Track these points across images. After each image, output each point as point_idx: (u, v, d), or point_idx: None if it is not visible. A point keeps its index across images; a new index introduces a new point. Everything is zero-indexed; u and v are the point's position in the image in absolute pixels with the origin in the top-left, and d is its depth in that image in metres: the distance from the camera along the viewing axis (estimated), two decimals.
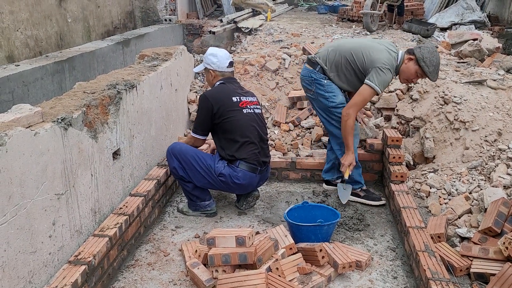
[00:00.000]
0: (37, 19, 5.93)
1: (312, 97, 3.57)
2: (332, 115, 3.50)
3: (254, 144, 3.21)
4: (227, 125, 3.19)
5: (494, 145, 3.61)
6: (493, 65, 5.42)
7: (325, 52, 3.50)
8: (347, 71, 3.41)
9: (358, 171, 3.61)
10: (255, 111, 3.32)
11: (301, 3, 15.44)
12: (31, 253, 2.12)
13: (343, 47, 3.47)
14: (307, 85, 3.56)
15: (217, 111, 3.18)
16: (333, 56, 3.44)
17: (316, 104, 3.58)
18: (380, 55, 3.28)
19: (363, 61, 3.32)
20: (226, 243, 2.51)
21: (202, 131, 3.29)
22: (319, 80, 3.47)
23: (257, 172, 3.24)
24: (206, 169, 3.20)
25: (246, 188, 3.30)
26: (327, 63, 3.45)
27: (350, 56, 3.37)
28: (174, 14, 9.48)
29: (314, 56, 3.53)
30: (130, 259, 2.86)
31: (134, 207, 2.93)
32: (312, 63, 3.51)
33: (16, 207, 2.00)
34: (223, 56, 3.35)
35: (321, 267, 2.64)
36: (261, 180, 3.38)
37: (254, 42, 7.24)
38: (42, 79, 4.96)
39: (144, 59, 4.05)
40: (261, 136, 3.29)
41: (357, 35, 7.74)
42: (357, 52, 3.35)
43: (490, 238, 2.74)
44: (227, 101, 3.21)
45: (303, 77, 3.59)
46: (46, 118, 2.32)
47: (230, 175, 3.17)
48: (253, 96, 3.41)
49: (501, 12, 10.59)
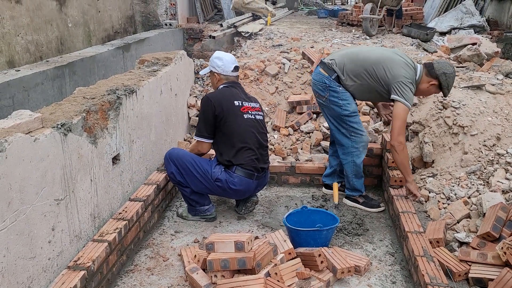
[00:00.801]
0: (37, 24, 5.96)
1: (323, 103, 3.48)
2: (343, 124, 3.44)
3: (252, 150, 3.21)
4: (226, 129, 3.20)
5: (492, 149, 3.62)
6: (492, 70, 5.44)
7: (341, 60, 3.40)
8: (366, 83, 3.36)
9: (361, 181, 3.61)
10: (256, 117, 3.31)
11: (301, 8, 15.50)
12: (30, 259, 2.13)
13: (361, 58, 3.39)
14: (320, 91, 3.46)
15: (219, 113, 3.18)
16: (351, 66, 3.37)
17: (327, 111, 3.50)
18: (401, 70, 3.27)
19: (385, 75, 3.28)
20: (225, 248, 2.51)
21: (208, 133, 3.24)
22: (333, 87, 3.39)
23: (253, 178, 3.23)
24: (203, 174, 3.21)
25: (243, 193, 3.30)
26: (344, 72, 3.37)
27: (371, 68, 3.32)
28: (174, 18, 9.52)
29: (331, 62, 3.42)
30: (129, 264, 2.87)
31: (134, 212, 2.94)
32: (328, 69, 3.41)
33: (15, 212, 2.01)
34: (229, 60, 3.35)
35: (320, 272, 2.64)
36: (259, 186, 3.37)
37: (254, 47, 7.27)
38: (42, 84, 4.98)
39: (144, 64, 4.06)
40: (260, 142, 3.28)
41: (356, 39, 7.77)
42: (378, 65, 3.31)
43: (489, 243, 2.74)
44: (229, 104, 3.22)
45: (316, 82, 3.49)
46: (46, 123, 2.33)
47: (227, 180, 3.17)
48: (256, 102, 3.41)
49: (500, 16, 10.62)
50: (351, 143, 3.46)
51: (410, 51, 6.80)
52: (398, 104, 3.25)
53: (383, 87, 3.33)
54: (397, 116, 3.24)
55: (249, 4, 9.72)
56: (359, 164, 3.52)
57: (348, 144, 3.46)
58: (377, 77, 3.32)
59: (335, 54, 3.57)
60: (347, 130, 3.44)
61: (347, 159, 3.52)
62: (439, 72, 3.25)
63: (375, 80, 3.34)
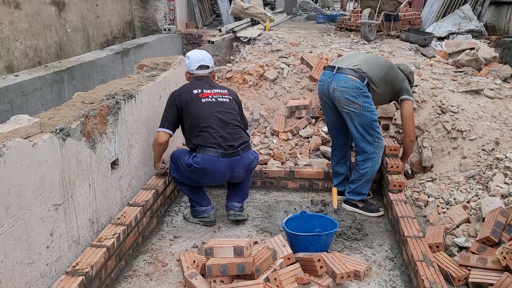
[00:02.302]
0: (36, 29, 5.97)
1: (355, 111, 3.35)
2: (370, 130, 3.42)
3: (213, 129, 3.19)
4: (186, 116, 3.27)
5: (491, 154, 3.62)
6: (490, 74, 5.46)
7: (367, 66, 3.43)
8: (385, 86, 3.51)
9: (369, 186, 3.62)
10: (218, 99, 3.31)
11: (299, 13, 15.55)
12: (28, 264, 2.12)
13: (381, 63, 3.56)
14: (353, 98, 3.33)
15: (177, 103, 3.29)
16: (377, 72, 3.44)
17: (357, 119, 3.38)
18: (401, 73, 3.63)
19: (397, 79, 3.55)
20: (224, 253, 2.50)
21: (165, 123, 3.31)
22: (367, 93, 3.35)
23: (219, 155, 3.15)
24: (181, 164, 3.28)
25: (213, 173, 3.20)
26: (373, 77, 3.41)
27: (389, 72, 3.52)
28: (173, 23, 9.55)
29: (359, 68, 3.40)
30: (128, 270, 2.85)
31: (132, 217, 2.93)
32: (359, 75, 3.37)
33: (13, 218, 2.00)
34: (194, 58, 3.43)
35: (319, 277, 2.63)
36: (236, 166, 3.23)
37: (252, 52, 7.29)
38: (41, 89, 4.98)
39: (143, 69, 4.06)
40: (223, 120, 3.23)
41: (355, 44, 7.80)
42: (391, 69, 3.56)
43: (488, 248, 2.74)
44: (187, 93, 3.31)
45: (347, 89, 3.34)
46: (45, 128, 2.32)
47: (192, 163, 3.19)
48: (223, 89, 3.43)
49: (497, 21, 10.67)
50: (373, 149, 3.47)
51: (408, 56, 6.83)
52: (408, 102, 3.55)
53: (394, 89, 3.56)
54: (410, 114, 3.57)
55: (248, 10, 9.76)
56: (376, 170, 3.55)
57: (370, 150, 3.47)
58: (392, 80, 3.53)
59: (352, 59, 3.56)
60: (372, 136, 3.44)
61: (366, 165, 3.51)
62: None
63: (389, 84, 3.52)
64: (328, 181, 3.95)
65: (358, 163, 3.55)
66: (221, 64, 7.99)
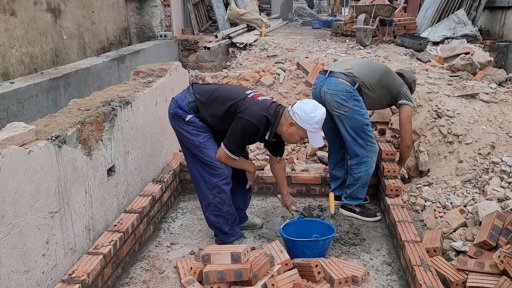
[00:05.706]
0: (32, 36, 5.97)
1: (345, 114, 3.37)
2: (362, 134, 3.43)
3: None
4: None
5: (487, 158, 3.63)
6: (485, 79, 5.49)
7: (359, 70, 3.44)
8: (380, 91, 3.50)
9: (366, 190, 3.63)
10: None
11: (295, 18, 15.61)
12: (24, 272, 2.10)
13: (375, 67, 3.56)
14: (343, 101, 3.35)
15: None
16: (370, 76, 3.44)
17: (348, 122, 3.40)
18: (399, 77, 3.62)
19: (394, 83, 3.54)
20: (221, 259, 2.49)
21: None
22: (357, 96, 3.37)
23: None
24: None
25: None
26: (365, 81, 3.42)
27: (384, 77, 3.51)
28: (169, 30, 9.57)
29: (350, 72, 3.41)
30: (124, 277, 2.84)
31: (129, 224, 2.92)
32: (351, 78, 3.38)
33: (9, 226, 1.99)
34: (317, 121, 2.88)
35: (317, 282, 2.63)
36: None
37: (249, 57, 7.30)
38: (37, 96, 4.96)
39: (139, 75, 4.06)
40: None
41: (350, 49, 7.83)
42: (387, 74, 3.54)
43: (486, 252, 2.74)
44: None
45: (337, 92, 3.36)
46: (40, 136, 2.32)
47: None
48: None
49: (492, 26, 10.75)
50: (366, 153, 3.47)
51: (404, 60, 6.86)
52: (407, 108, 3.52)
53: (390, 94, 3.54)
54: (407, 119, 3.55)
55: (244, 15, 9.80)
56: (371, 174, 3.55)
57: (363, 154, 3.47)
58: (387, 85, 3.51)
59: (345, 63, 3.58)
60: (364, 140, 3.45)
61: (360, 169, 3.51)
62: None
63: (385, 89, 3.51)
64: (325, 186, 3.95)
65: (352, 167, 3.56)
66: (217, 70, 8.00)
